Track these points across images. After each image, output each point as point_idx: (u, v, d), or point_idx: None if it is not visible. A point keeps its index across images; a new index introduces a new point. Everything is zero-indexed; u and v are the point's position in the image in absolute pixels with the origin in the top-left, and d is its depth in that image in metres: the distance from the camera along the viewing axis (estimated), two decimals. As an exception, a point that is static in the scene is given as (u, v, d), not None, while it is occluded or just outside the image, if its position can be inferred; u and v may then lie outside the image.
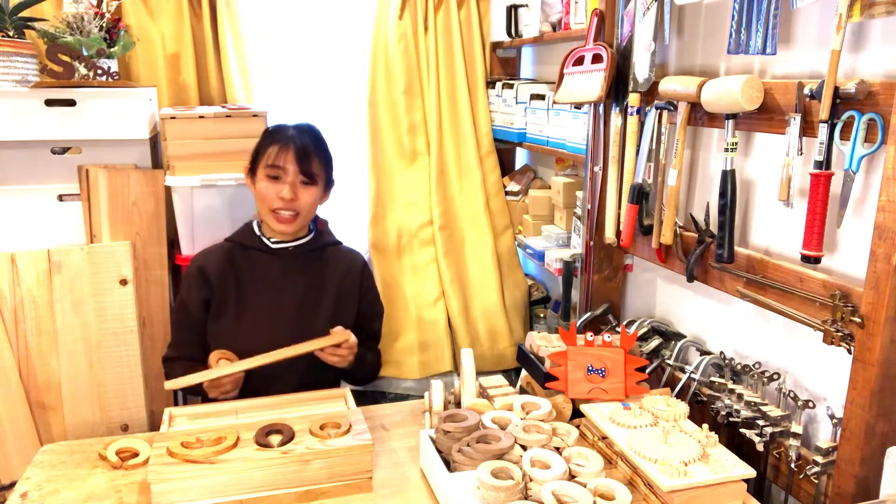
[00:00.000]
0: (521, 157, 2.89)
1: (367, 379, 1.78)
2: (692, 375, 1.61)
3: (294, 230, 1.65)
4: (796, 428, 1.37)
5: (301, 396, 1.48)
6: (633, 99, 1.73)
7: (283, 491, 1.24)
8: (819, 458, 1.28)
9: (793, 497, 1.40)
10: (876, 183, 1.19)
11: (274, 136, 1.62)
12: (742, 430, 1.43)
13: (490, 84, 2.67)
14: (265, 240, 1.67)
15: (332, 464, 1.26)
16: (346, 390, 1.51)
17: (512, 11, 2.55)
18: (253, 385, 1.53)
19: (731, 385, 1.51)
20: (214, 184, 2.01)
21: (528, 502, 1.12)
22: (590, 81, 1.83)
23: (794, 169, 1.33)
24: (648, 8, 1.65)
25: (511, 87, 2.50)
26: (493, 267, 2.61)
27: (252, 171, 1.66)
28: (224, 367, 1.47)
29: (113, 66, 2.06)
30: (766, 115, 1.38)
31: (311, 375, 1.60)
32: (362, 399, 1.44)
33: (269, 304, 1.63)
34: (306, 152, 1.60)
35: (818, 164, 1.23)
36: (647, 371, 1.65)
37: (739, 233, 1.56)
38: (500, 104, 2.60)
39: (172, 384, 1.43)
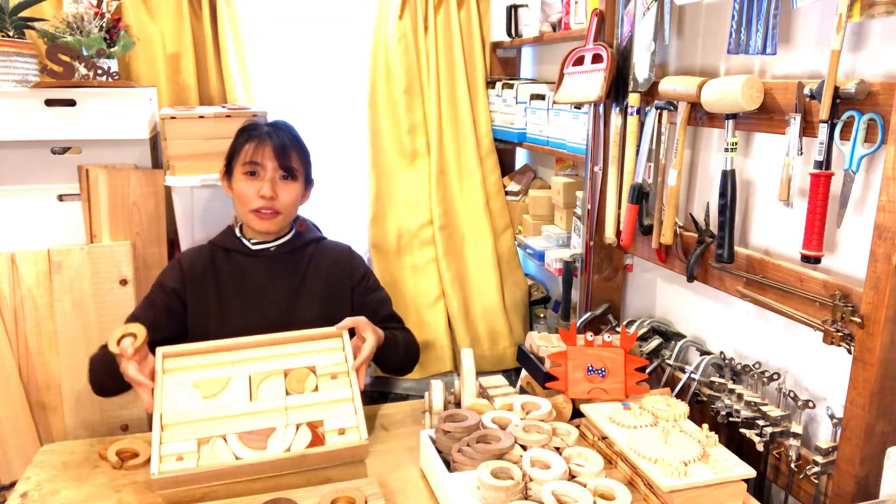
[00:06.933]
0: (521, 157, 2.88)
1: (410, 356, 1.69)
2: (692, 375, 1.61)
3: (276, 229, 1.63)
4: (796, 428, 1.37)
5: (297, 335, 1.44)
6: (633, 99, 1.73)
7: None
8: (819, 458, 1.28)
9: (793, 497, 1.40)
10: (876, 183, 1.19)
11: (249, 133, 1.62)
12: (742, 430, 1.43)
13: (490, 84, 2.67)
14: (246, 242, 1.65)
15: None
16: (343, 332, 1.47)
17: (512, 11, 2.55)
18: None
19: (731, 385, 1.51)
20: (214, 184, 2.00)
21: (528, 502, 1.12)
22: (590, 81, 1.83)
23: (794, 169, 1.33)
24: (648, 8, 1.65)
25: (511, 87, 2.50)
26: (493, 267, 2.60)
27: (228, 172, 1.64)
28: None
29: (113, 66, 2.06)
30: (766, 115, 1.38)
31: None
32: (362, 399, 1.44)
33: (253, 309, 1.61)
34: (284, 147, 1.59)
35: (818, 164, 1.23)
36: (647, 371, 1.65)
37: (739, 233, 1.56)
38: (500, 104, 2.60)
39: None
